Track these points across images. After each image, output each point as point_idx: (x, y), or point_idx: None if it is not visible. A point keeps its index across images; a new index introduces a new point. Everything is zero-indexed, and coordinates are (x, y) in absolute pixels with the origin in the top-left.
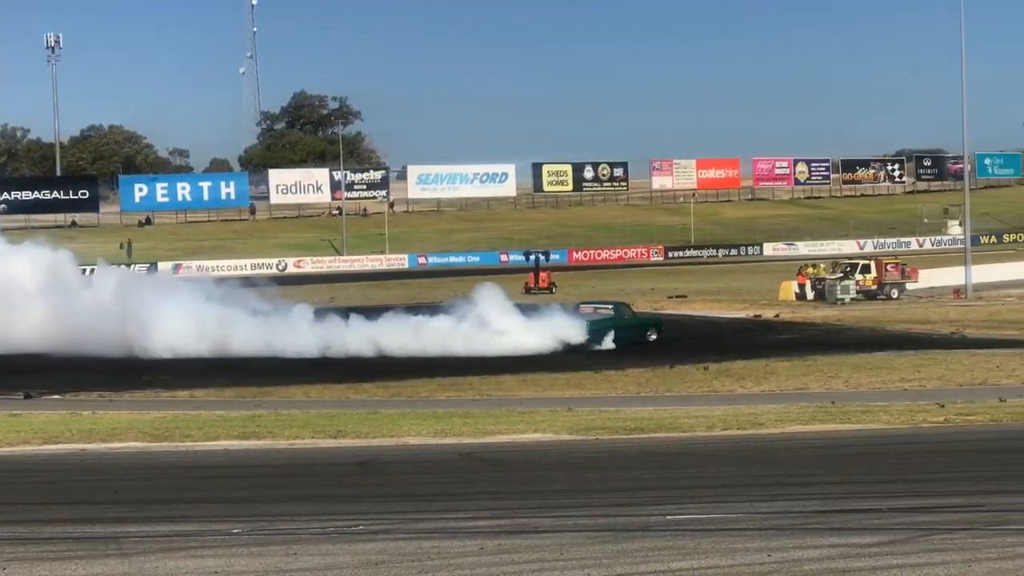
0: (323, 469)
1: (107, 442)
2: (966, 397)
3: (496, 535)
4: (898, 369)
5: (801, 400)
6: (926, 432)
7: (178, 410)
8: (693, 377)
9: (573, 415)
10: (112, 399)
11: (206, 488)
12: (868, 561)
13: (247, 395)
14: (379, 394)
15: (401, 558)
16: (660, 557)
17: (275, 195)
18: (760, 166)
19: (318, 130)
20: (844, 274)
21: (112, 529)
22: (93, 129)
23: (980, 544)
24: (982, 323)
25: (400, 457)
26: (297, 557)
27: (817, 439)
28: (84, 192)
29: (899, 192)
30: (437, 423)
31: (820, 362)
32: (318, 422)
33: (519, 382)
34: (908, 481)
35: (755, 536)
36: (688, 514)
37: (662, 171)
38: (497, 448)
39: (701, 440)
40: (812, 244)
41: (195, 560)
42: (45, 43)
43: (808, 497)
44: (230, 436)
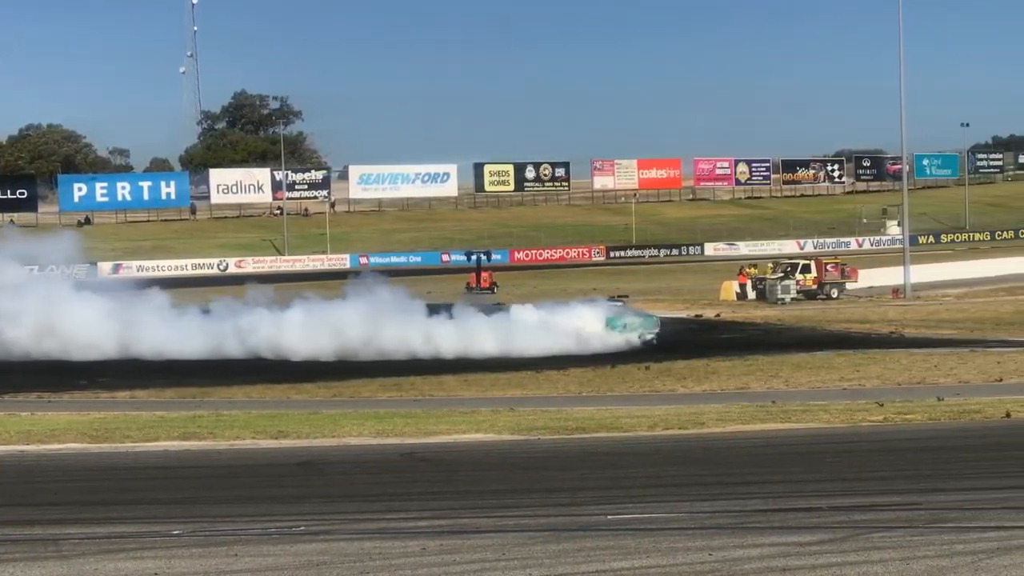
0: (264, 470)
1: (46, 443)
2: (904, 396)
3: (438, 535)
4: (838, 368)
5: (742, 399)
6: (865, 431)
7: (118, 411)
8: (634, 377)
9: (515, 415)
10: (51, 400)
11: (146, 489)
12: (808, 560)
13: (188, 396)
14: (320, 394)
15: (342, 559)
16: (601, 557)
17: (216, 195)
18: (701, 166)
19: (259, 130)
20: (784, 274)
21: (51, 531)
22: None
23: (918, 542)
24: (920, 323)
25: (341, 457)
26: (238, 558)
27: (758, 438)
28: (22, 192)
29: (839, 192)
30: (379, 423)
31: (761, 361)
32: (259, 422)
33: (461, 382)
34: (847, 480)
35: (696, 535)
36: (629, 514)
37: (603, 171)
38: (439, 448)
39: (642, 440)
40: (753, 244)
41: (135, 562)
42: None
43: (749, 496)
44: (170, 437)
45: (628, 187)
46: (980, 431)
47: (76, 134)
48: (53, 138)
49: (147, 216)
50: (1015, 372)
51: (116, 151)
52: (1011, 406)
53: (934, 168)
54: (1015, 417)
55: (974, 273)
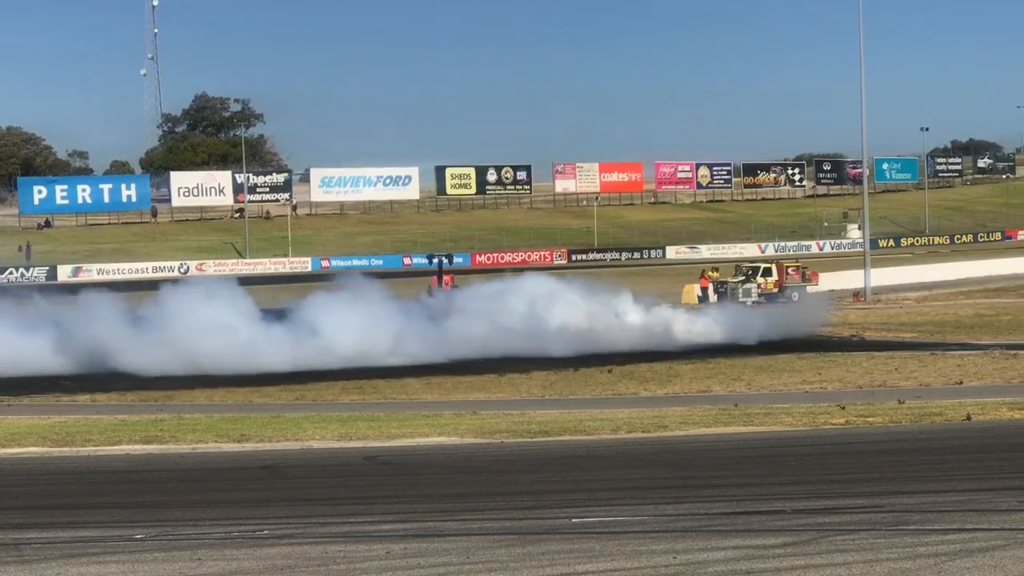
0: (227, 473)
1: (6, 447)
2: (866, 399)
3: (402, 539)
4: (799, 371)
5: (705, 403)
6: (827, 434)
7: (79, 415)
8: (597, 380)
9: (478, 418)
10: (11, 403)
11: (108, 493)
12: (772, 562)
13: (149, 399)
14: (283, 398)
15: (306, 563)
16: (566, 560)
17: (177, 198)
18: (663, 170)
19: (220, 132)
20: (746, 277)
21: (12, 536)
22: None
23: (881, 544)
24: (881, 326)
25: (305, 461)
26: (202, 563)
27: (721, 441)
28: None
29: (799, 196)
30: (342, 426)
31: (723, 364)
32: (221, 426)
33: (423, 385)
34: (810, 482)
35: (661, 538)
36: (594, 516)
37: (565, 174)
38: (402, 451)
39: (606, 443)
40: (714, 247)
41: (98, 566)
42: None
43: (713, 499)
44: (132, 441)
45: (590, 190)
46: (941, 434)
47: (36, 136)
48: (12, 140)
49: (107, 219)
50: (975, 375)
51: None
52: (971, 409)
53: (894, 172)
54: (976, 420)
55: (934, 277)
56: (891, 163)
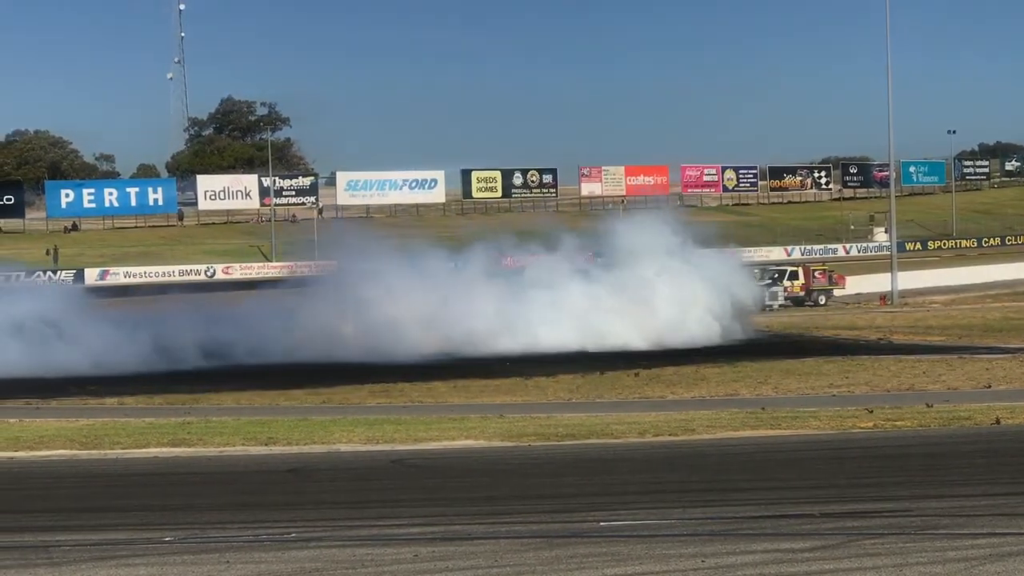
0: (254, 476)
1: (35, 450)
2: (894, 402)
3: (430, 542)
4: (826, 375)
5: (731, 406)
6: (855, 438)
7: (107, 417)
8: (624, 383)
9: (505, 421)
10: (39, 406)
11: (136, 496)
12: (801, 567)
13: (177, 402)
14: (309, 401)
15: (334, 566)
16: (594, 563)
17: (203, 201)
18: (688, 173)
19: (246, 136)
20: (772, 280)
21: (41, 538)
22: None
23: (911, 549)
24: (908, 329)
25: (332, 464)
26: (230, 565)
27: (748, 445)
28: (9, 198)
29: (826, 199)
30: (368, 429)
31: (750, 368)
32: (248, 429)
33: (450, 388)
34: (838, 486)
35: (689, 542)
36: (621, 520)
37: (591, 178)
38: (429, 455)
39: (633, 446)
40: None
41: (127, 569)
42: None
43: (741, 503)
44: (160, 443)
45: (615, 194)
46: (970, 437)
47: (63, 140)
48: (40, 144)
49: (134, 222)
50: (1004, 378)
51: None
52: (1000, 412)
53: (921, 175)
54: (1005, 423)
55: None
56: (918, 166)
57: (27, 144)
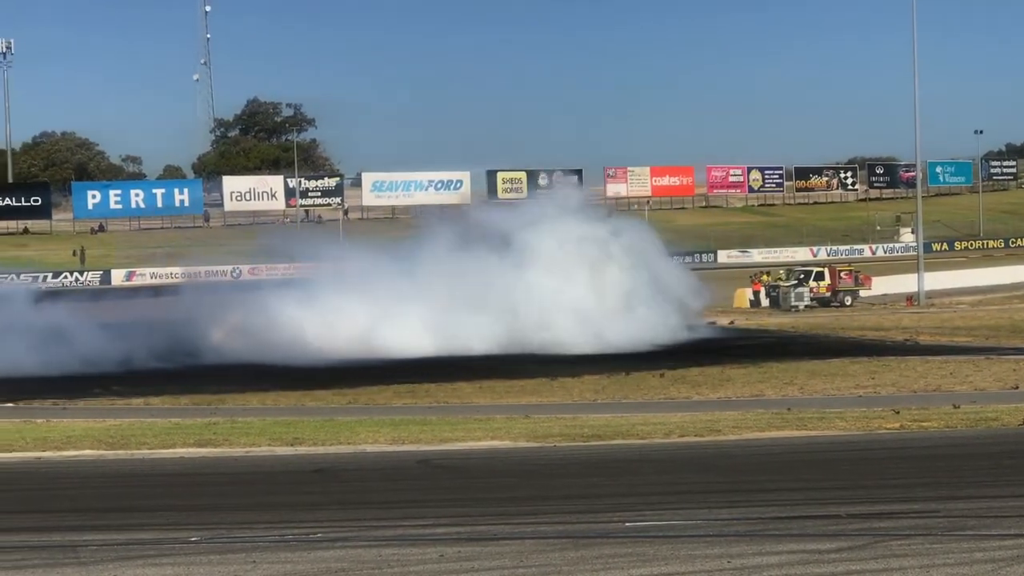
0: (281, 477)
1: (62, 450)
2: (920, 403)
3: (456, 542)
4: (853, 376)
5: (757, 407)
6: (882, 438)
7: (133, 418)
8: (649, 384)
9: (530, 422)
10: (66, 407)
11: (163, 496)
12: (827, 567)
13: (202, 403)
14: (335, 401)
15: (360, 566)
16: (620, 564)
17: (229, 202)
18: (714, 173)
19: (272, 137)
20: (798, 281)
21: (69, 537)
22: (45, 136)
23: (937, 550)
24: (935, 330)
25: (358, 464)
26: (256, 565)
27: (774, 445)
28: (36, 199)
29: (852, 200)
30: (394, 430)
31: (775, 369)
32: (274, 429)
33: (476, 389)
34: (865, 487)
35: (714, 542)
36: (647, 520)
37: (616, 178)
38: (455, 455)
39: (659, 447)
40: (766, 251)
41: (154, 568)
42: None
43: (766, 503)
44: (186, 444)
45: (641, 194)
46: (997, 438)
47: (89, 142)
48: (66, 145)
49: (160, 223)
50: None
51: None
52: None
53: (947, 175)
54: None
55: (988, 280)
56: (945, 166)
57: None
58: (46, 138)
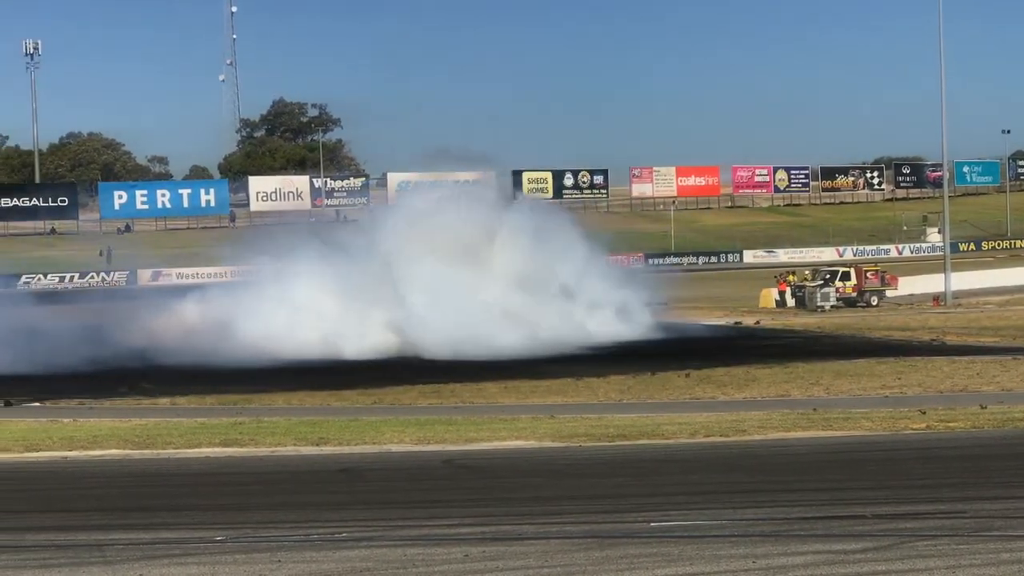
0: (306, 476)
1: (88, 450)
2: (947, 404)
3: (481, 542)
4: (879, 376)
5: (783, 407)
6: (908, 439)
7: (159, 417)
8: (675, 384)
9: (556, 422)
10: (92, 407)
11: (189, 496)
12: (853, 567)
13: (228, 402)
14: (361, 401)
15: (385, 565)
16: (645, 563)
17: (255, 202)
18: (740, 173)
19: (298, 137)
20: (824, 281)
21: (95, 537)
22: (72, 136)
23: (963, 550)
24: (962, 330)
25: (383, 464)
26: (281, 564)
27: (800, 446)
28: (63, 199)
29: (878, 200)
30: (419, 430)
31: (801, 369)
32: (300, 429)
33: (501, 389)
34: (891, 488)
35: (740, 543)
36: (672, 521)
37: (642, 178)
38: (480, 455)
39: (684, 447)
40: (792, 251)
41: (179, 567)
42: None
43: (792, 504)
44: (212, 443)
45: (667, 194)
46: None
47: (116, 142)
48: (93, 146)
49: (187, 223)
50: None
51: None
52: None
53: (975, 175)
54: None
55: (1015, 280)
56: (972, 166)
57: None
58: (73, 139)
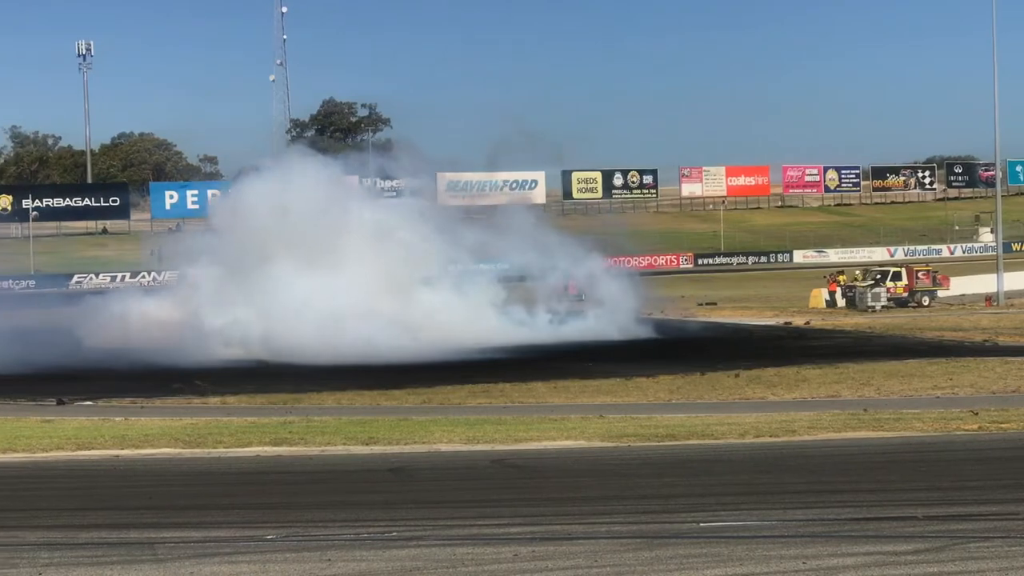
0: (356, 476)
1: (140, 448)
2: (1000, 405)
3: (530, 542)
4: (930, 376)
5: (833, 407)
6: (960, 440)
7: (210, 416)
8: (724, 384)
9: (605, 422)
10: (144, 405)
11: (240, 494)
12: (904, 569)
13: (278, 402)
14: (410, 401)
15: (435, 565)
16: (694, 564)
17: None
18: (790, 173)
19: (347, 137)
20: (875, 281)
21: (147, 535)
22: (124, 136)
23: (1016, 552)
24: (1014, 330)
25: (432, 464)
26: (331, 563)
27: (850, 446)
28: (115, 199)
29: (930, 199)
30: (469, 430)
31: (851, 369)
32: (350, 429)
33: (550, 389)
34: (943, 489)
35: (790, 543)
36: (722, 521)
37: (692, 178)
38: (529, 455)
39: (733, 447)
40: (842, 251)
41: (230, 566)
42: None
43: (842, 504)
44: (262, 442)
45: (716, 194)
46: None
47: (167, 142)
48: (144, 146)
49: None
50: None
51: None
52: None
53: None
54: None
55: None
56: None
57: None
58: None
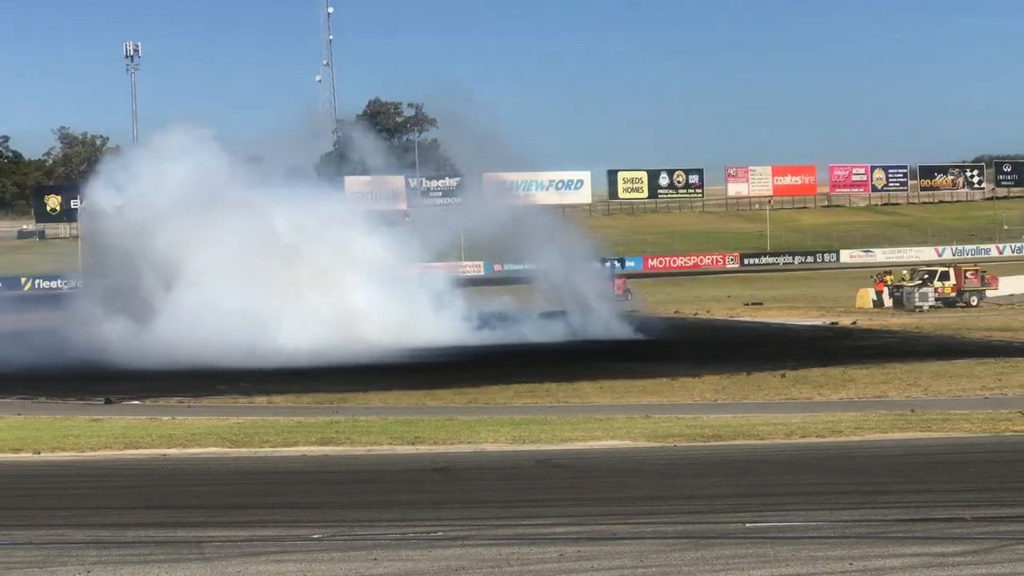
0: (401, 475)
1: (187, 447)
2: None
3: (575, 542)
4: (979, 377)
5: (880, 408)
6: (1009, 441)
7: (256, 416)
8: (770, 384)
9: (651, 422)
10: (191, 405)
11: (286, 493)
12: (952, 571)
13: (325, 401)
14: (456, 401)
15: (480, 564)
16: (740, 564)
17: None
18: (837, 173)
19: (393, 137)
20: (922, 281)
21: (194, 533)
22: None
23: None
24: None
25: (478, 463)
26: (377, 563)
27: (897, 447)
28: None
29: (978, 198)
30: (515, 429)
31: (899, 370)
32: (395, 428)
33: (596, 388)
34: (991, 490)
35: (836, 544)
36: (768, 522)
37: (738, 178)
38: (575, 455)
39: (780, 447)
40: (890, 251)
41: (276, 565)
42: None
43: (889, 505)
44: (308, 442)
45: (762, 194)
46: None
47: None
48: None
49: None
50: None
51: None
52: None
53: None
54: None
55: None
56: None
57: None
58: None
